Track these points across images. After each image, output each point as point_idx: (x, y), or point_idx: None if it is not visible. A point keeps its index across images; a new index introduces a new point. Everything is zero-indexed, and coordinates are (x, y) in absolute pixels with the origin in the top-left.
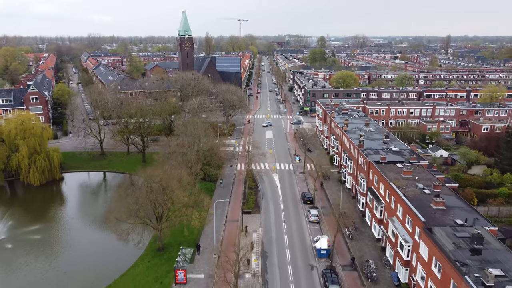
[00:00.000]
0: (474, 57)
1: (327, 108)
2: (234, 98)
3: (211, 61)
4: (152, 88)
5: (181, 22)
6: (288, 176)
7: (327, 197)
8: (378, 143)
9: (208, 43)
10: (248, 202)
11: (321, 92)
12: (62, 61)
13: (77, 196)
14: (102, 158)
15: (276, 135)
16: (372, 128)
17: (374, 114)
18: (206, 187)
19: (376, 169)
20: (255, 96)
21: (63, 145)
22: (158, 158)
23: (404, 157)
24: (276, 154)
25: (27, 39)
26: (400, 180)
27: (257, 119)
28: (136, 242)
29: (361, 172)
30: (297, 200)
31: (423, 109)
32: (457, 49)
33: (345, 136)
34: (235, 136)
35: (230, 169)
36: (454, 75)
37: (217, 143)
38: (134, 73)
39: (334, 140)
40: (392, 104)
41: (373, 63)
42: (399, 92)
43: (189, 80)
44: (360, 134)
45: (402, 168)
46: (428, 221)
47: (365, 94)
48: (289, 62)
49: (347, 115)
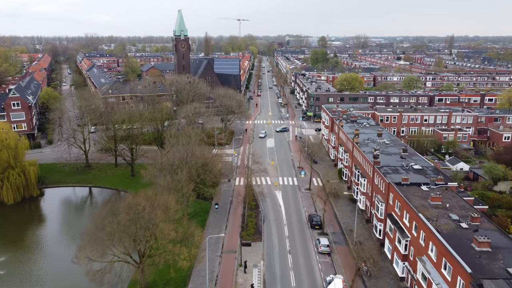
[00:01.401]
0: (480, 58)
1: (334, 115)
2: (233, 104)
3: (208, 63)
4: (145, 92)
5: (176, 21)
6: (293, 193)
7: (338, 220)
8: (395, 158)
9: (207, 44)
10: (248, 227)
11: (325, 96)
12: (56, 62)
13: (56, 217)
14: (87, 171)
15: (278, 144)
16: (386, 140)
17: (385, 121)
18: (200, 207)
19: (398, 193)
20: (255, 99)
21: (45, 156)
22: (146, 175)
23: (428, 177)
24: (279, 166)
25: (23, 39)
26: (428, 209)
27: (258, 125)
28: (113, 284)
29: (378, 194)
30: (303, 224)
31: (438, 116)
32: (460, 50)
33: (357, 149)
34: (233, 145)
35: (228, 184)
36: (462, 77)
37: (212, 158)
38: (129, 75)
39: (343, 152)
40: (404, 111)
41: (377, 64)
42: (409, 96)
43: (184, 84)
44: (375, 147)
45: (428, 192)
46: (475, 271)
47: (372, 98)
48: (290, 63)
49: (356, 124)
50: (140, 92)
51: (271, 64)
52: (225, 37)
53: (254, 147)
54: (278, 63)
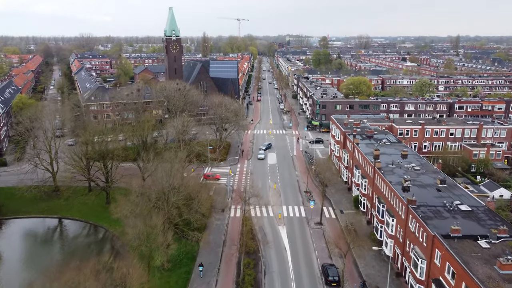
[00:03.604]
0: (490, 59)
1: (346, 129)
2: (229, 115)
3: (203, 66)
4: (130, 100)
5: (167, 20)
6: (301, 229)
7: (358, 270)
8: (431, 192)
9: (205, 44)
10: (245, 283)
11: (332, 103)
12: (47, 63)
13: (9, 260)
14: (54, 197)
15: (281, 159)
16: (414, 164)
17: (405, 135)
18: (185, 250)
19: (451, 254)
20: (254, 104)
21: (7, 177)
22: (116, 212)
23: (484, 225)
24: (282, 190)
25: (16, 39)
26: (499, 284)
27: (258, 136)
28: None
29: (415, 244)
30: (316, 278)
31: (467, 129)
32: (466, 50)
33: (380, 176)
34: (230, 161)
35: (221, 216)
36: (477, 80)
37: (200, 191)
38: (121, 78)
39: (360, 177)
40: (427, 123)
41: (382, 65)
42: (425, 104)
43: (174, 91)
44: (404, 178)
45: (490, 250)
46: None
47: (385, 106)
48: (292, 64)
49: (373, 140)
50: (125, 99)
51: (271, 65)
52: (224, 37)
53: (253, 165)
54: (279, 65)
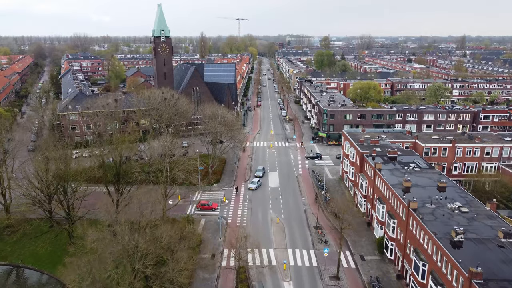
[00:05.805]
0: (501, 60)
1: (362, 148)
2: (223, 130)
3: (196, 70)
4: (110, 108)
5: (155, 18)
6: (312, 287)
7: None
8: (496, 253)
9: (203, 45)
10: None
11: (342, 112)
12: (36, 65)
13: None
14: (5, 236)
15: (285, 181)
16: (459, 203)
17: (431, 154)
18: None
19: None
20: (254, 111)
21: None
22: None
23: None
24: (287, 225)
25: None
26: None
27: (257, 150)
28: None
29: None
30: None
31: (506, 147)
32: (472, 51)
33: (418, 223)
34: (224, 182)
35: (211, 264)
36: (494, 84)
37: (176, 249)
38: (112, 81)
39: (386, 215)
40: (458, 140)
41: (389, 67)
42: (447, 113)
43: (159, 100)
44: (456, 230)
45: None
46: None
47: (400, 115)
48: (294, 66)
49: (398, 164)
50: (105, 108)
51: (272, 67)
52: (224, 37)
53: (254, 194)
54: (280, 66)
